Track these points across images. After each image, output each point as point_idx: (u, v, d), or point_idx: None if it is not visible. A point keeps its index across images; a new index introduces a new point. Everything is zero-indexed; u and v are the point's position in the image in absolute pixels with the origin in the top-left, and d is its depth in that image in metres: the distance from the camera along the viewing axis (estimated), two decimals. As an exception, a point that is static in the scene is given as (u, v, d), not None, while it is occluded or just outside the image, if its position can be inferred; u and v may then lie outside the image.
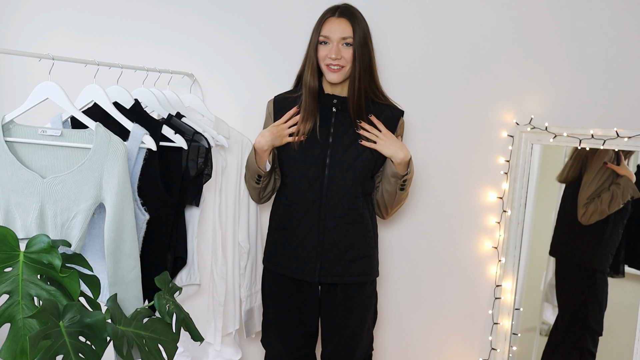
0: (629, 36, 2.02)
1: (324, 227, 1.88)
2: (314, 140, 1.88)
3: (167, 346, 1.42)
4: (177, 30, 2.30)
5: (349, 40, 1.83)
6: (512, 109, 2.13)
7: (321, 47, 1.86)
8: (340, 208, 1.87)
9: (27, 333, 1.21)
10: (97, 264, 1.60)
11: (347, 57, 1.84)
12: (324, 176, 1.87)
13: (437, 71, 2.18)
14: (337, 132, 1.88)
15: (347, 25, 1.84)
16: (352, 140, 1.88)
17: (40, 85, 1.57)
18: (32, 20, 2.39)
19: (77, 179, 1.50)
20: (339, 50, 1.83)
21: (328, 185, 1.87)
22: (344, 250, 1.89)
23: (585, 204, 2.08)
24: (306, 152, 1.88)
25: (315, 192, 1.87)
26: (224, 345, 2.08)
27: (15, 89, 2.36)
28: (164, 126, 1.71)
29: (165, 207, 1.72)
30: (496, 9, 2.12)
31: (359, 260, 1.90)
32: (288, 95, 1.96)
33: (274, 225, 1.97)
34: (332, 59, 1.83)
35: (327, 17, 1.86)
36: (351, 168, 1.87)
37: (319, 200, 1.87)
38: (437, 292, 2.25)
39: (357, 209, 1.89)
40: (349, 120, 1.89)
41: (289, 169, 1.91)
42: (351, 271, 1.90)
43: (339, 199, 1.87)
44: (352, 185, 1.87)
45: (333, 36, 1.83)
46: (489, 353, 2.17)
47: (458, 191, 2.19)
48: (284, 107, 1.94)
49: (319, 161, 1.87)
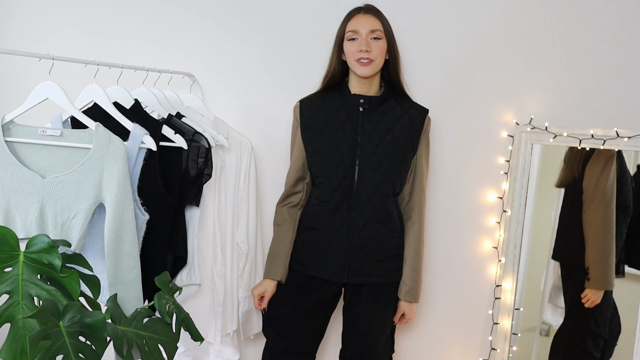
0: (629, 36, 2.02)
1: (353, 226, 1.87)
2: (342, 140, 1.88)
3: (167, 346, 1.42)
4: (177, 30, 2.30)
5: (378, 34, 1.84)
6: (512, 109, 2.13)
7: (349, 43, 1.86)
8: (370, 207, 1.87)
9: (27, 333, 1.21)
10: (97, 264, 1.60)
11: (376, 50, 1.84)
12: (354, 175, 1.87)
13: (437, 71, 2.18)
14: (365, 131, 1.88)
15: (374, 20, 1.86)
16: (380, 139, 1.87)
17: (40, 85, 1.57)
18: (33, 20, 2.39)
19: (77, 179, 1.50)
20: (369, 43, 1.83)
21: (358, 185, 1.87)
22: (373, 250, 1.88)
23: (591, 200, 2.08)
24: (335, 152, 1.88)
25: (345, 192, 1.87)
26: (223, 345, 2.08)
27: (16, 89, 2.35)
28: (164, 126, 1.71)
29: (165, 207, 1.72)
30: (496, 9, 2.12)
31: (387, 260, 1.90)
32: (313, 96, 1.97)
33: (302, 226, 1.96)
34: (362, 52, 1.82)
35: (353, 14, 1.88)
36: (381, 166, 1.87)
37: (348, 200, 1.87)
38: (437, 292, 2.25)
39: (387, 207, 1.88)
40: (377, 118, 1.89)
41: (319, 169, 1.90)
42: (379, 271, 1.89)
43: (369, 198, 1.86)
44: (383, 184, 1.87)
45: (361, 30, 1.84)
46: (489, 353, 2.17)
47: (458, 191, 2.19)
48: (309, 108, 1.94)
49: (348, 161, 1.87)
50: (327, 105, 1.92)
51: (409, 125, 1.90)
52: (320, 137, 1.90)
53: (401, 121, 1.90)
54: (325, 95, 1.94)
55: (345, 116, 1.89)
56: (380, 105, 1.90)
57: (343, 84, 1.93)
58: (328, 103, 1.92)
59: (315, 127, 1.92)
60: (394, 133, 1.88)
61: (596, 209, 2.08)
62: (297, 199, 1.97)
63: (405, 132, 1.89)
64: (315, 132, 1.91)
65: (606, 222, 2.07)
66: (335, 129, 1.89)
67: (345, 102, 1.91)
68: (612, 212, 2.06)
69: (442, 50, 2.17)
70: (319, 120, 1.91)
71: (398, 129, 1.89)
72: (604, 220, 2.07)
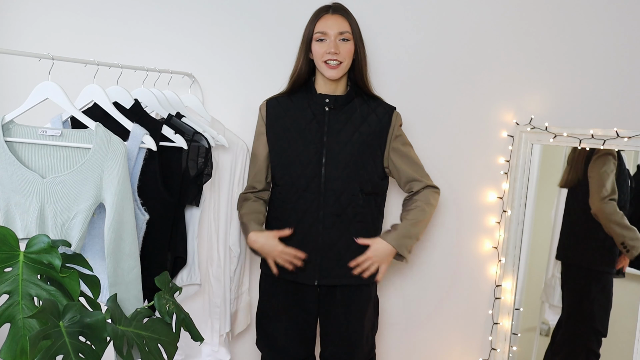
0: (629, 36, 2.02)
1: (322, 226, 1.87)
2: (309, 140, 1.88)
3: (167, 346, 1.42)
4: (178, 30, 2.30)
5: (347, 36, 1.85)
6: (512, 109, 2.13)
7: (317, 44, 1.86)
8: (338, 206, 1.87)
9: (27, 333, 1.21)
10: (97, 264, 1.60)
11: (344, 52, 1.85)
12: (321, 175, 1.87)
13: (437, 71, 2.18)
14: (332, 130, 1.88)
15: (343, 21, 1.86)
16: (347, 138, 1.88)
17: (40, 85, 1.57)
18: (33, 20, 2.39)
19: (77, 179, 1.50)
20: (337, 45, 1.83)
21: (325, 184, 1.87)
22: (343, 251, 1.88)
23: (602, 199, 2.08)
24: (302, 153, 1.88)
25: (314, 192, 1.87)
26: (219, 346, 2.08)
27: (16, 89, 2.35)
28: (164, 126, 1.71)
29: (165, 207, 1.72)
30: (496, 9, 2.12)
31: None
32: (279, 96, 1.97)
33: (271, 229, 1.94)
34: (331, 54, 1.83)
35: (322, 14, 1.87)
36: (348, 165, 1.87)
37: (317, 199, 1.87)
38: (437, 292, 2.25)
39: (355, 207, 1.88)
40: (344, 118, 1.89)
41: (284, 171, 1.91)
42: (350, 272, 1.89)
43: (337, 197, 1.87)
44: (350, 183, 1.87)
45: (330, 32, 1.84)
46: (489, 353, 2.17)
47: (458, 191, 2.19)
48: (275, 108, 1.94)
49: (315, 160, 1.87)
50: (294, 106, 1.92)
51: (376, 123, 1.91)
52: (287, 138, 1.90)
53: (368, 120, 1.90)
54: (292, 96, 1.94)
55: (312, 116, 1.90)
56: (346, 105, 1.91)
57: (309, 84, 1.93)
58: (294, 103, 1.92)
59: (281, 128, 1.92)
60: (360, 131, 1.89)
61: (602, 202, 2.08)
62: (263, 196, 1.98)
63: (372, 130, 1.90)
64: (282, 133, 1.91)
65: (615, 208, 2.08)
66: (302, 129, 1.89)
67: (311, 101, 1.91)
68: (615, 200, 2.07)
69: (442, 50, 2.17)
70: (286, 120, 1.91)
71: (365, 128, 1.89)
72: (613, 208, 2.07)
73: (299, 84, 1.93)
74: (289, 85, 1.95)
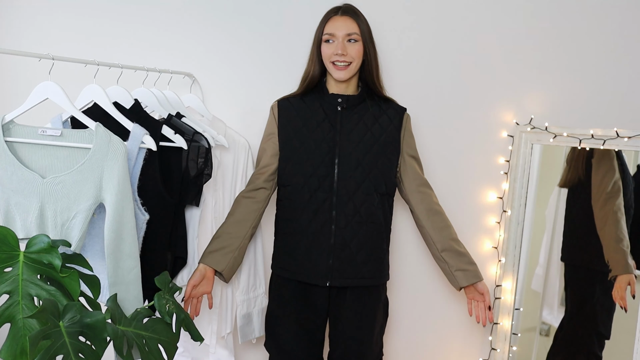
0: (629, 36, 2.02)
1: (335, 226, 1.86)
2: (321, 139, 1.87)
3: (167, 346, 1.42)
4: (177, 31, 2.30)
5: (355, 37, 1.85)
6: (512, 109, 2.13)
7: (326, 45, 1.86)
8: (351, 206, 1.86)
9: (27, 333, 1.21)
10: (97, 264, 1.60)
11: (352, 53, 1.85)
12: (334, 174, 1.86)
13: (437, 71, 2.18)
14: (344, 130, 1.88)
15: (351, 22, 1.86)
16: (360, 137, 1.88)
17: (40, 85, 1.57)
18: (33, 20, 2.39)
19: (77, 179, 1.50)
20: (345, 46, 1.84)
21: (338, 183, 1.86)
22: (356, 251, 1.86)
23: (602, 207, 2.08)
24: (314, 152, 1.87)
25: (326, 191, 1.86)
26: (218, 348, 2.07)
27: (16, 89, 2.35)
28: (164, 126, 1.71)
29: (165, 207, 1.72)
30: (495, 9, 2.12)
31: (370, 262, 1.88)
32: (291, 97, 1.96)
33: (282, 230, 1.94)
34: (338, 55, 1.83)
35: (331, 16, 1.88)
36: (361, 164, 1.86)
37: (330, 199, 1.86)
38: (437, 292, 2.25)
39: (369, 207, 1.87)
40: (356, 117, 1.89)
41: (296, 171, 1.89)
42: (362, 273, 1.87)
43: (350, 196, 1.86)
44: (364, 182, 1.86)
45: (338, 33, 1.84)
46: (489, 353, 2.17)
47: (458, 191, 2.19)
48: (287, 108, 1.93)
49: (328, 160, 1.86)
50: (306, 106, 1.92)
51: (388, 124, 1.91)
52: (299, 137, 1.89)
53: (379, 120, 1.90)
54: (304, 97, 1.93)
55: (324, 115, 1.89)
56: (358, 105, 1.91)
57: (321, 84, 1.93)
58: (306, 103, 1.92)
59: (293, 127, 1.91)
60: (372, 132, 1.88)
61: (605, 202, 2.07)
62: (263, 195, 1.94)
63: (384, 130, 1.90)
64: (294, 132, 1.90)
65: (616, 213, 2.06)
66: (314, 128, 1.89)
67: (323, 101, 1.91)
68: (620, 203, 2.05)
69: (442, 50, 2.17)
70: (298, 119, 1.91)
71: (377, 128, 1.89)
72: (614, 212, 2.06)
73: (312, 85, 1.93)
74: (301, 87, 1.95)
